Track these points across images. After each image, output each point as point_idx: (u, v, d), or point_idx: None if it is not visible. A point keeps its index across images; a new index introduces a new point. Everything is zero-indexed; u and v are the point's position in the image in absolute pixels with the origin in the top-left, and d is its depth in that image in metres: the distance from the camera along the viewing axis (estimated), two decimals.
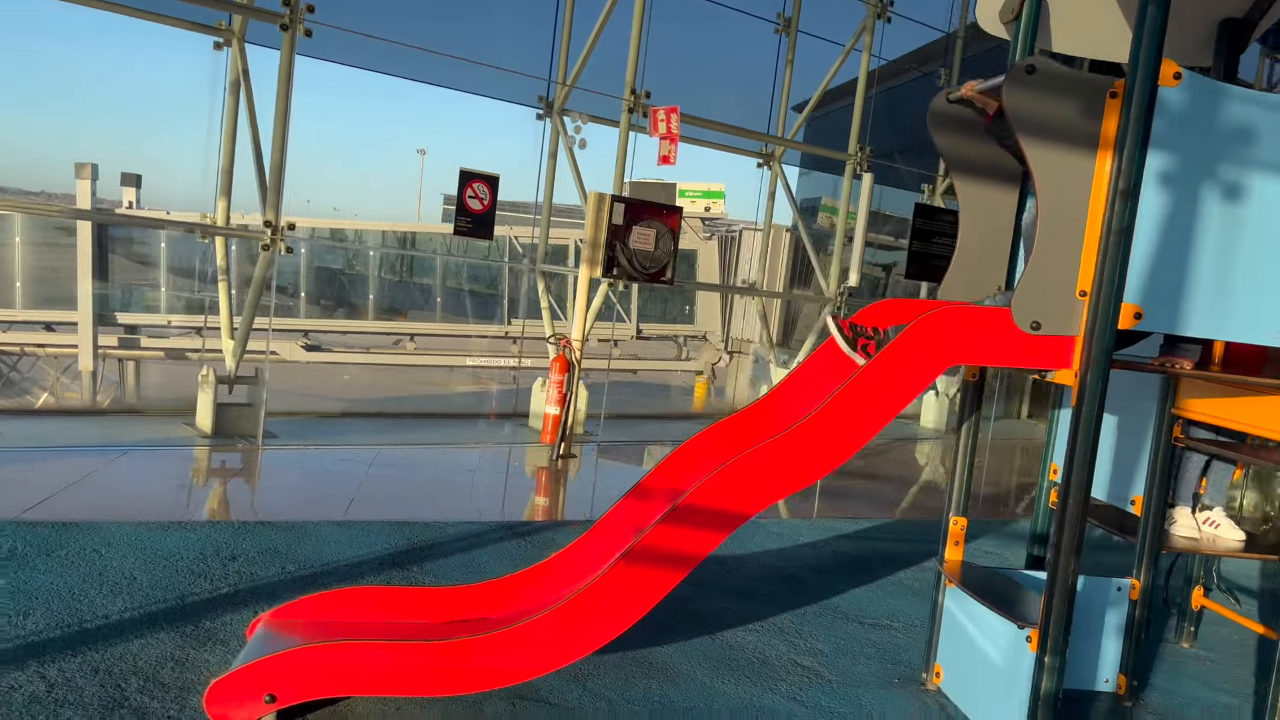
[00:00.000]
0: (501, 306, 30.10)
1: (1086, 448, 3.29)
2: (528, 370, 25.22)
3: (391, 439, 8.39)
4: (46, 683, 3.33)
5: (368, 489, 6.53)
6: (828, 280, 11.39)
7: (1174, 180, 3.24)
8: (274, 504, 5.93)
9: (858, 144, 11.25)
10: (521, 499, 7.06)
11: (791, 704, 3.88)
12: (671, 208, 9.01)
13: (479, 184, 8.40)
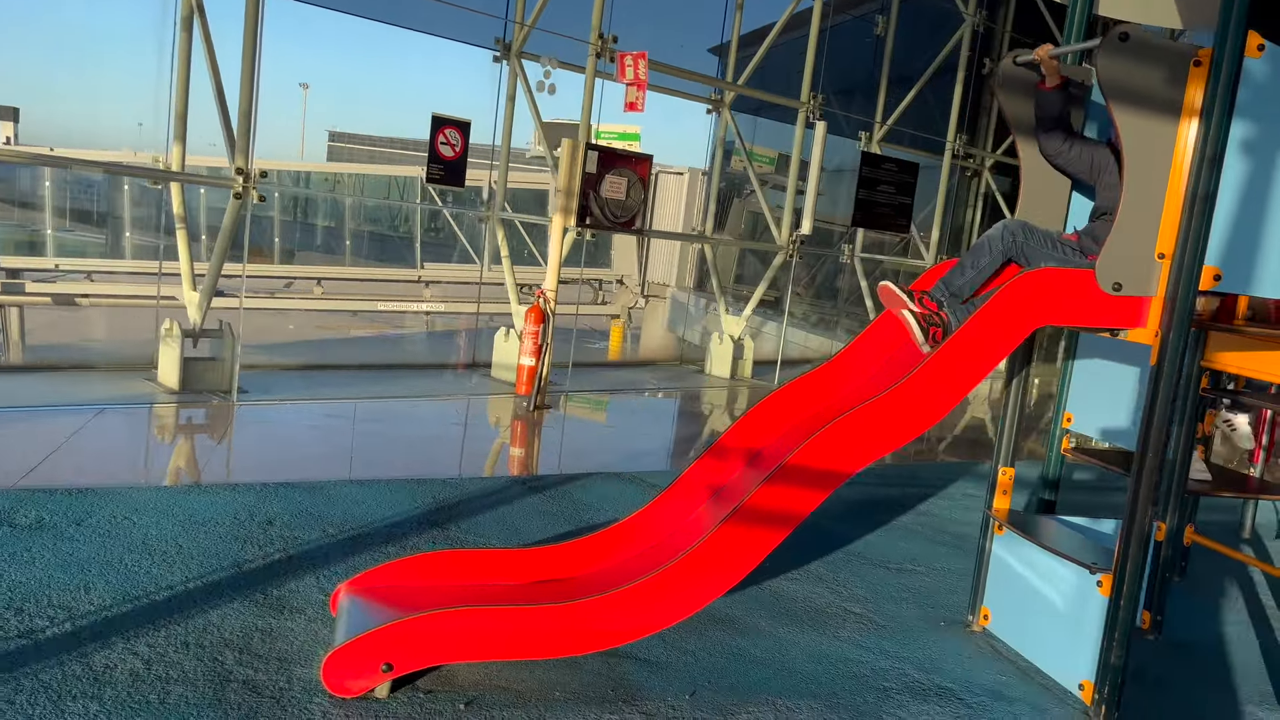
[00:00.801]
0: (414, 250, 29.47)
1: (1166, 405, 3.48)
2: (446, 316, 24.93)
3: (364, 392, 8.22)
4: (141, 659, 3.23)
5: (364, 445, 6.42)
6: (779, 229, 11.51)
7: (1253, 148, 3.40)
8: (280, 463, 5.77)
9: (810, 92, 11.31)
10: (520, 452, 7.04)
11: (859, 650, 4.03)
12: (641, 156, 8.95)
13: (450, 130, 8.19)
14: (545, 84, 8.91)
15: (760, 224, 24.26)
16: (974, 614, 4.41)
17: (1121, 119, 3.40)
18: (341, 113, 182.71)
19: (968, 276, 3.86)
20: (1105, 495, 7.17)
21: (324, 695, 3.15)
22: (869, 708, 3.53)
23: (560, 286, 25.56)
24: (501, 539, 4.79)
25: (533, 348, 8.32)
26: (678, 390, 10.45)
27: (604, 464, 6.62)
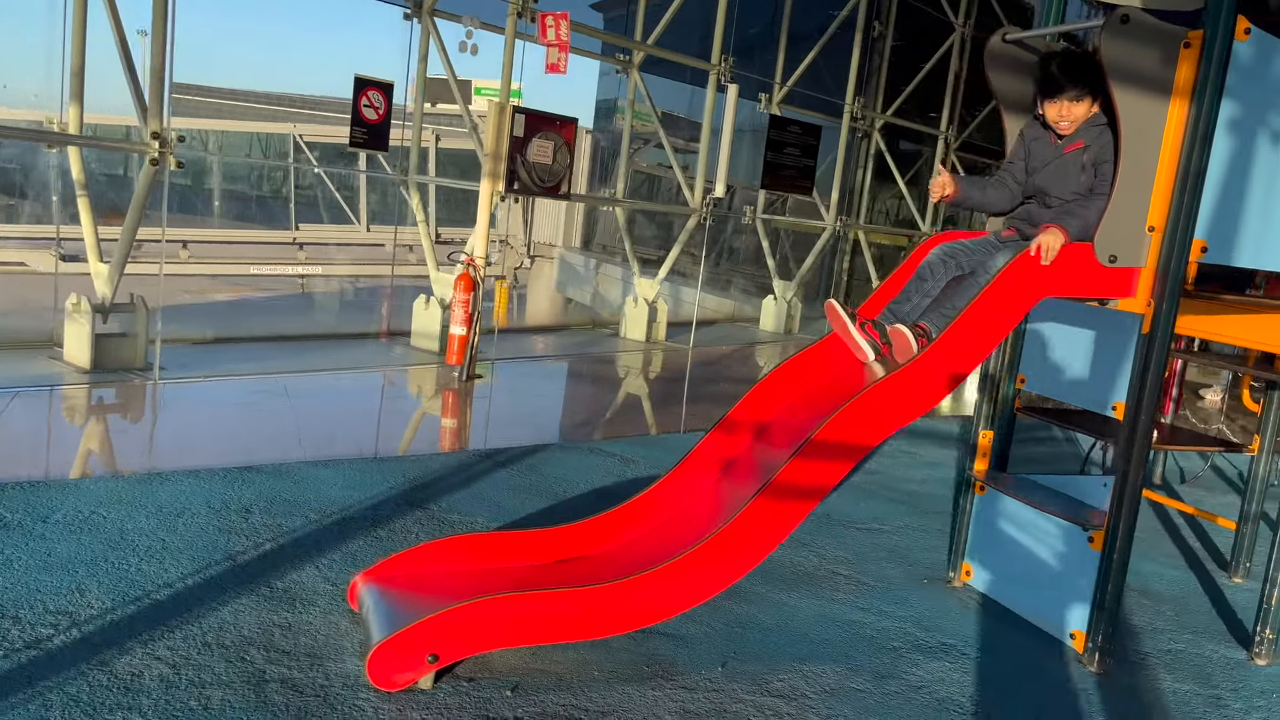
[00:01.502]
0: (288, 210, 28.35)
1: (1159, 371, 3.69)
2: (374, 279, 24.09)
3: (287, 366, 7.91)
4: (166, 664, 3.08)
5: (310, 424, 6.21)
6: (692, 191, 11.56)
7: (1238, 127, 3.61)
8: (230, 447, 5.52)
9: (720, 54, 11.34)
10: (470, 424, 6.92)
11: (860, 612, 4.17)
12: (567, 119, 8.83)
13: (374, 92, 7.89)
14: (467, 44, 8.66)
15: (651, 183, 24.23)
16: (955, 570, 4.61)
17: (1121, 98, 3.55)
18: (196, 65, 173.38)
19: (914, 302, 3.89)
20: (1031, 447, 7.56)
21: (367, 690, 3.07)
22: (885, 668, 3.67)
23: (438, 247, 24.91)
24: (488, 516, 4.73)
25: (464, 316, 8.16)
26: (598, 355, 10.44)
27: (554, 434, 6.60)
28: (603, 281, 23.18)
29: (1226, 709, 3.66)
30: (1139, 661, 4.00)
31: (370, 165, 28.43)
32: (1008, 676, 3.71)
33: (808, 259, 13.91)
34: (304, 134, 28.41)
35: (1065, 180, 3.80)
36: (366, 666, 3.07)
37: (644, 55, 11.38)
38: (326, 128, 30.11)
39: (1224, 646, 4.25)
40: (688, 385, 9.08)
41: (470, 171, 27.75)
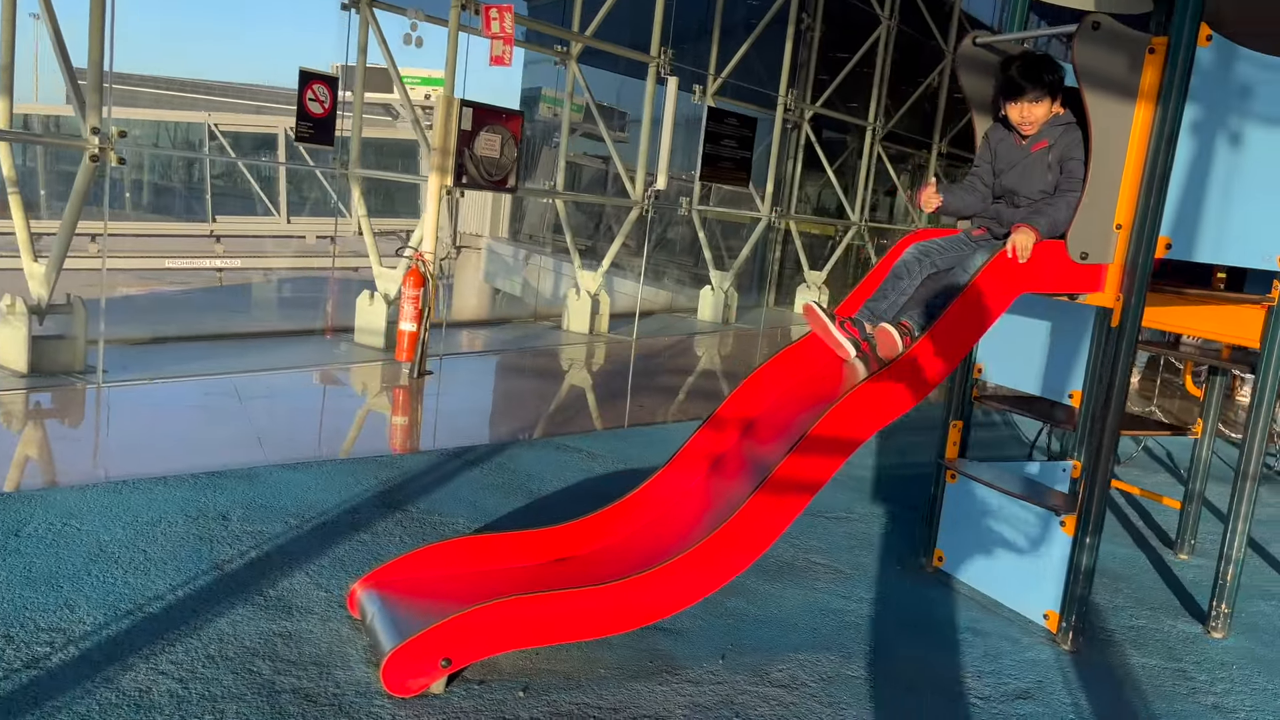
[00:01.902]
0: (204, 202, 27.60)
1: (1128, 363, 3.87)
2: (311, 273, 23.50)
3: (233, 365, 7.73)
4: (173, 679, 3.03)
5: (268, 426, 6.09)
6: (634, 184, 11.59)
7: (1199, 129, 3.80)
8: (191, 451, 5.39)
9: (660, 46, 11.39)
10: (430, 422, 6.86)
11: (842, 600, 4.28)
12: (513, 112, 8.79)
13: (319, 85, 7.74)
14: (412, 36, 8.54)
15: (574, 173, 24.18)
16: (926, 556, 4.76)
17: (1091, 101, 3.70)
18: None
19: (890, 300, 3.99)
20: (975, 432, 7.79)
21: (381, 696, 3.07)
22: (876, 654, 3.79)
23: (359, 237, 24.33)
24: (468, 516, 4.73)
25: (414, 312, 8.08)
26: (543, 348, 10.43)
27: (517, 430, 6.60)
28: (533, 272, 23.07)
29: (1193, 681, 3.87)
30: (1106, 639, 4.20)
31: (290, 156, 27.82)
32: (991, 658, 3.86)
33: (744, 249, 14.07)
34: (219, 123, 27.66)
35: (1032, 180, 3.94)
36: (381, 673, 3.06)
37: (582, 47, 11.36)
38: (244, 117, 29.36)
39: (1181, 621, 4.47)
40: (639, 378, 9.14)
41: (390, 161, 27.29)
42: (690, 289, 15.98)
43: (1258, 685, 3.88)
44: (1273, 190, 4.03)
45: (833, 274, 16.24)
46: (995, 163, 4.11)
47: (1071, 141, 3.86)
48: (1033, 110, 3.89)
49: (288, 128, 27.69)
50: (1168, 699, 3.69)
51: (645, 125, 11.54)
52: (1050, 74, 3.86)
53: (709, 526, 3.52)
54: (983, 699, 3.53)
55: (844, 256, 16.81)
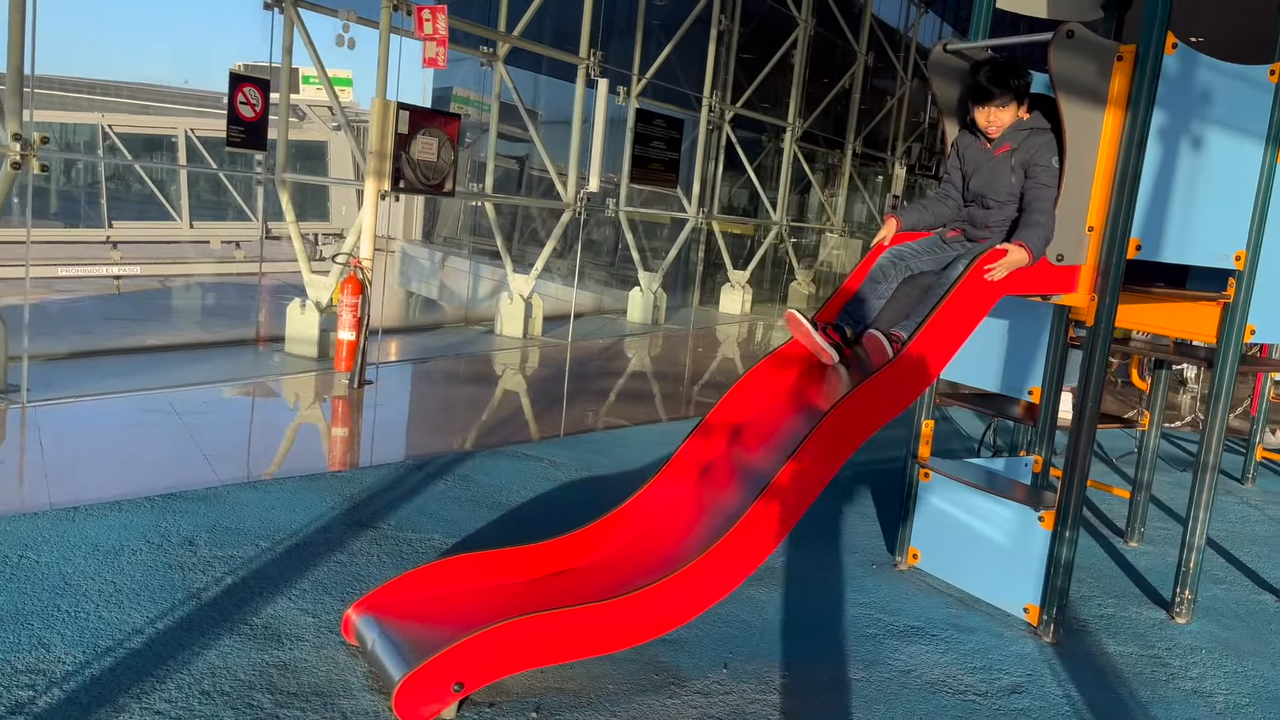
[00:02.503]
0: (100, 207, 26.54)
1: (1102, 362, 3.98)
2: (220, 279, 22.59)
3: (164, 380, 7.41)
4: (171, 718, 2.88)
5: (212, 442, 5.85)
6: (566, 187, 11.50)
7: (1165, 133, 3.93)
8: (138, 472, 5.14)
9: (589, 48, 11.32)
10: (382, 435, 6.68)
11: (829, 601, 4.31)
12: (451, 115, 8.63)
13: (250, 88, 7.47)
14: (345, 38, 8.32)
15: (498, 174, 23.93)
16: (901, 554, 4.83)
17: (1066, 107, 3.80)
18: None
19: (869, 304, 4.04)
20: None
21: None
22: (871, 656, 3.82)
23: (268, 242, 23.79)
24: (443, 532, 4.62)
25: (353, 320, 7.88)
26: (479, 354, 10.28)
27: (471, 440, 6.48)
28: (449, 275, 22.73)
29: (1170, 667, 4.00)
30: (1081, 629, 4.31)
31: (191, 159, 26.86)
32: (980, 654, 3.93)
33: (672, 250, 14.11)
34: (113, 124, 26.58)
35: (997, 183, 4.02)
36: (393, 702, 2.96)
37: (509, 47, 11.22)
38: (139, 118, 28.21)
39: (1145, 608, 4.63)
40: (585, 381, 9.08)
41: (294, 163, 26.60)
42: (615, 290, 15.96)
43: (1228, 668, 4.04)
44: (1229, 193, 4.20)
45: (754, 273, 16.41)
46: (964, 167, 4.19)
47: (1038, 147, 3.93)
48: (999, 115, 3.97)
49: (188, 129, 26.82)
50: (1150, 686, 3.81)
51: (576, 127, 11.46)
52: (1017, 79, 3.94)
53: (708, 536, 3.51)
54: (980, 695, 3.59)
55: (765, 256, 17.00)
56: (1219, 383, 4.39)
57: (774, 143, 17.62)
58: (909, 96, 20.80)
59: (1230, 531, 6.02)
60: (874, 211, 21.62)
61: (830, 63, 18.18)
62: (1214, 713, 3.64)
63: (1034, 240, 3.79)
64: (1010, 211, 4.01)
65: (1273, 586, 5.08)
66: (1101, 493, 6.29)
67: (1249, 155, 4.19)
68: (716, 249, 15.94)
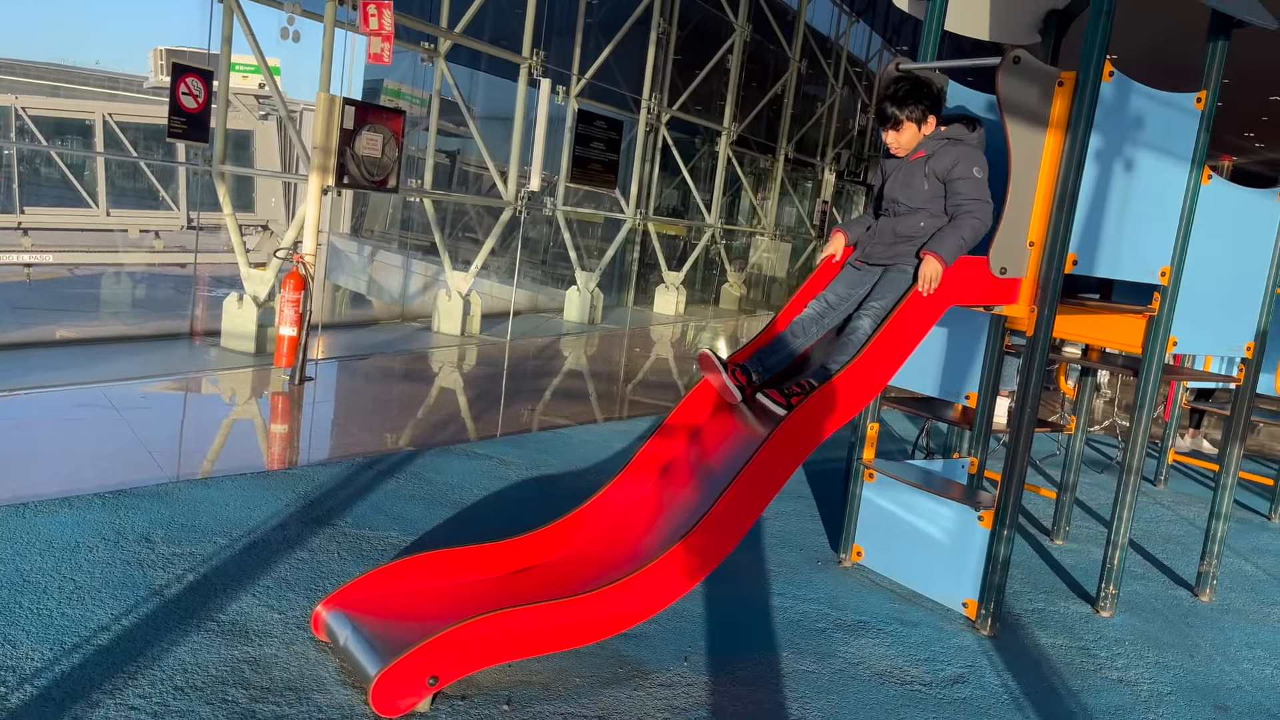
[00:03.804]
0: (11, 192, 25.72)
1: (1040, 369, 4.21)
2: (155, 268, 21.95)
3: (97, 374, 7.29)
4: (146, 713, 2.90)
5: (155, 438, 5.78)
6: (506, 184, 11.52)
7: (1101, 155, 4.17)
8: (81, 469, 5.07)
9: (532, 47, 11.36)
10: (328, 432, 6.65)
11: (777, 598, 4.48)
12: (395, 111, 8.61)
13: (192, 79, 7.36)
14: (289, 30, 8.24)
15: (418, 168, 23.79)
16: (845, 552, 5.02)
17: (1012, 129, 4.01)
18: None
19: (780, 355, 4.07)
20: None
21: (365, 718, 3.03)
22: (822, 649, 3.99)
23: (189, 233, 23.33)
24: (400, 530, 4.66)
25: (294, 316, 7.81)
26: (418, 351, 10.26)
27: (419, 439, 6.51)
28: (379, 269, 22.50)
29: (1096, 658, 4.25)
30: (1014, 622, 4.55)
31: (109, 144, 26.13)
32: (922, 646, 4.12)
33: (609, 250, 14.22)
34: (27, 106, 25.71)
35: (911, 188, 4.08)
36: (370, 696, 3.02)
37: (450, 44, 11.21)
38: (56, 100, 27.29)
39: (1072, 603, 4.89)
40: (526, 380, 9.14)
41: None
42: (550, 289, 16.01)
43: (1150, 659, 4.30)
44: (1157, 212, 4.48)
45: (687, 274, 16.61)
46: (884, 177, 4.30)
47: (958, 157, 3.98)
48: (898, 136, 4.10)
49: (106, 113, 26.03)
50: (1080, 675, 4.05)
51: (518, 126, 11.49)
52: (917, 102, 4.06)
53: (669, 536, 3.63)
54: (925, 685, 3.78)
55: (698, 258, 17.21)
56: (1143, 390, 4.66)
57: (708, 146, 17.86)
58: (839, 104, 21.22)
59: (1146, 531, 6.36)
60: (803, 215, 22.02)
61: (764, 68, 18.49)
62: (1138, 700, 3.89)
63: (944, 247, 3.86)
64: (922, 220, 4.04)
65: (1187, 582, 5.40)
66: (1029, 493, 6.58)
67: (1175, 177, 4.47)
68: (651, 250, 16.10)
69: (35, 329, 10.75)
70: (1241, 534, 6.50)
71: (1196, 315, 4.76)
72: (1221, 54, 4.54)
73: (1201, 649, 4.49)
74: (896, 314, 3.87)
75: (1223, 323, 5.02)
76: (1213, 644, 4.57)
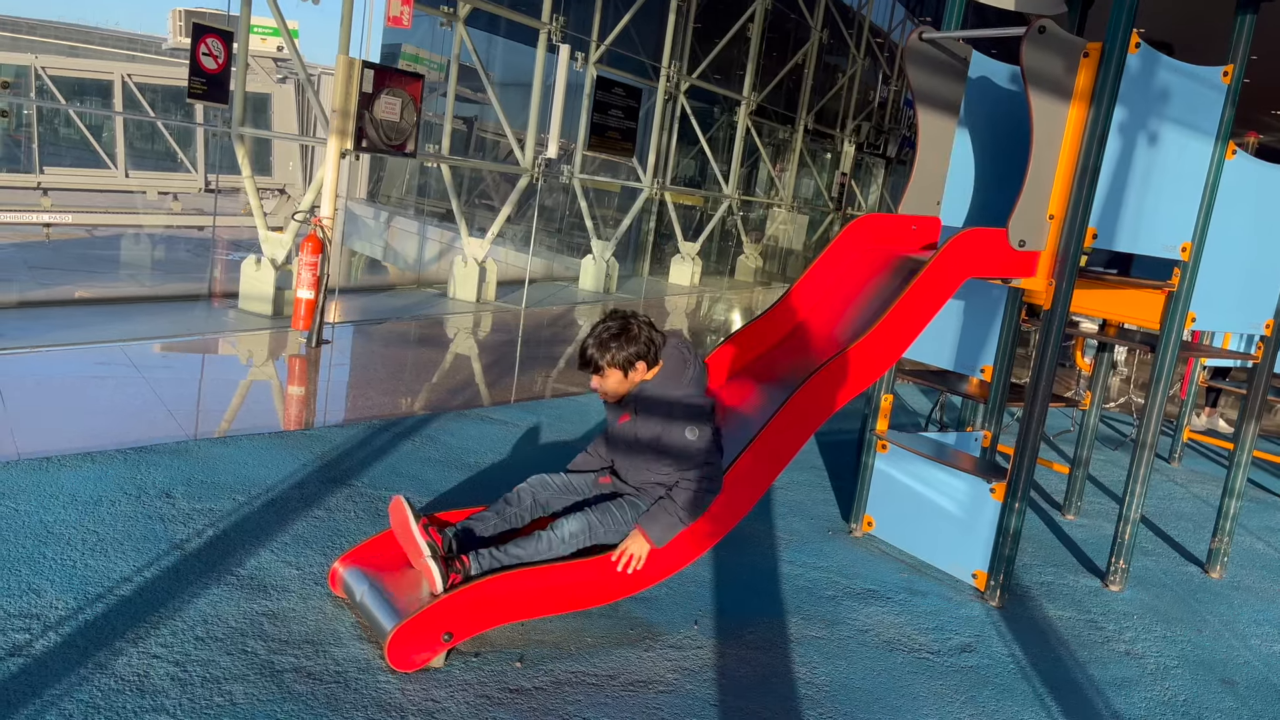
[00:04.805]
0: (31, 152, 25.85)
1: (1057, 343, 4.20)
2: (190, 232, 22.13)
3: (118, 333, 7.35)
4: (170, 662, 2.96)
5: (174, 397, 5.84)
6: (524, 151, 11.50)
7: (1124, 128, 4.14)
8: (104, 425, 5.14)
9: (551, 12, 11.29)
10: (344, 394, 6.70)
11: (788, 565, 4.51)
12: (414, 75, 8.59)
13: (212, 39, 7.36)
14: None
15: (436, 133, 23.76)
16: (856, 522, 5.05)
17: (1035, 100, 3.98)
18: None
19: (489, 524, 3.57)
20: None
21: (383, 672, 3.09)
22: (831, 615, 4.03)
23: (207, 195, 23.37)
24: (415, 491, 4.71)
25: (311, 280, 7.85)
26: (433, 317, 10.29)
27: (435, 402, 6.55)
28: (395, 235, 22.50)
29: (1104, 630, 4.28)
30: (1023, 594, 4.57)
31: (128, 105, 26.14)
32: (931, 615, 4.16)
33: (625, 219, 14.19)
34: (46, 66, 25.73)
35: (633, 459, 3.61)
36: (386, 649, 3.07)
37: (470, 8, 11.15)
38: (76, 61, 27.31)
39: (1082, 576, 4.91)
40: (541, 348, 9.17)
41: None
42: (565, 257, 16.01)
43: (1158, 633, 4.33)
44: (1179, 187, 4.45)
45: (702, 245, 16.57)
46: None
47: (669, 413, 3.45)
48: (603, 383, 3.53)
49: (125, 74, 26.04)
50: (1087, 647, 4.08)
51: (536, 92, 11.45)
52: (621, 348, 3.45)
53: None
54: (932, 653, 3.81)
55: (714, 228, 17.16)
56: (1160, 366, 4.65)
57: (726, 115, 17.75)
58: (860, 75, 21.04)
59: (1159, 508, 6.36)
60: (822, 188, 21.90)
61: (784, 37, 18.34)
62: (1145, 673, 3.92)
63: (655, 526, 3.37)
64: (649, 475, 3.55)
65: (1198, 559, 5.41)
66: (1042, 468, 6.59)
67: (1199, 152, 4.43)
68: (668, 219, 16.07)
69: (56, 288, 10.83)
70: (1254, 512, 6.50)
71: (1216, 291, 4.74)
72: (1250, 28, 4.49)
73: (1210, 624, 4.51)
74: (912, 287, 3.87)
75: (1243, 299, 5.00)
76: (1221, 619, 4.59)
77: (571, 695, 3.14)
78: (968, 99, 4.59)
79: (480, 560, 3.35)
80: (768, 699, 3.30)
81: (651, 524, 3.40)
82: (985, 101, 4.64)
